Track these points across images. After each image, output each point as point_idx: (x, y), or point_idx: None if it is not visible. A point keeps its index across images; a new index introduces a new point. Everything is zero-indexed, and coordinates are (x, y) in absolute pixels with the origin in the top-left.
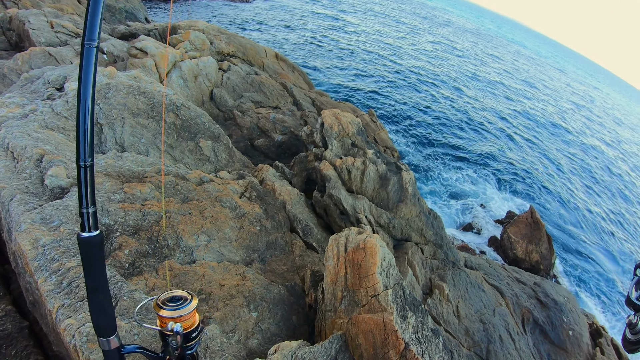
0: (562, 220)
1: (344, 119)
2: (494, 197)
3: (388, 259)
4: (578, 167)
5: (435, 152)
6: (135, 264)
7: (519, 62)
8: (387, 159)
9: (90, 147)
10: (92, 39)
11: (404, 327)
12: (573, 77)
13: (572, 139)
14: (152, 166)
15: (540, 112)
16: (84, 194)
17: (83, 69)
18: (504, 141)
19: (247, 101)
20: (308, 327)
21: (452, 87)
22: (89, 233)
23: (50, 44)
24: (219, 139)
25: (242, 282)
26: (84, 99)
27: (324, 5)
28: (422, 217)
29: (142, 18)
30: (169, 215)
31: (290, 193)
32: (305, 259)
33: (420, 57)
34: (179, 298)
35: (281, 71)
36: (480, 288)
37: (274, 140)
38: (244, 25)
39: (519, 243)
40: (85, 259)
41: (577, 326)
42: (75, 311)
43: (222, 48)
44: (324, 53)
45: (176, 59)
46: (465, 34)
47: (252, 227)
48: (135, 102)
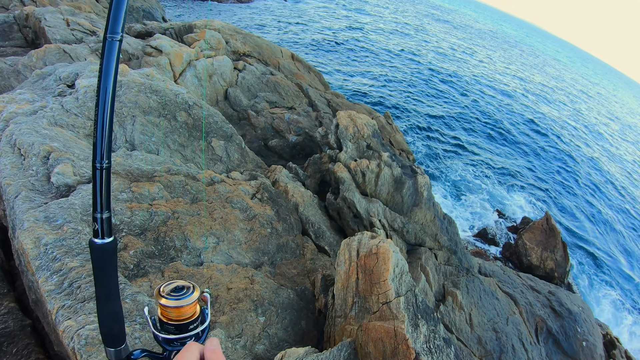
0: (578, 227)
1: (359, 120)
2: (509, 203)
3: (401, 265)
4: (600, 176)
5: (452, 155)
6: (140, 265)
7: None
8: (402, 162)
9: (108, 147)
10: (116, 32)
11: (415, 336)
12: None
13: (593, 145)
14: (162, 165)
15: (558, 116)
16: (98, 198)
17: (104, 63)
18: (523, 147)
19: (261, 101)
20: (317, 333)
21: (469, 90)
22: (103, 240)
23: (66, 41)
24: (231, 138)
25: (250, 285)
26: (104, 95)
27: (341, 5)
28: (437, 222)
29: (159, 17)
30: (177, 216)
31: (303, 195)
32: (317, 263)
33: (440, 59)
34: (182, 287)
35: (297, 72)
36: (494, 296)
37: (288, 141)
38: (259, 24)
39: (533, 250)
40: (98, 266)
41: (591, 337)
42: (76, 313)
43: (238, 47)
44: (341, 53)
45: (191, 58)
46: (482, 37)
47: (263, 230)
48: (146, 100)
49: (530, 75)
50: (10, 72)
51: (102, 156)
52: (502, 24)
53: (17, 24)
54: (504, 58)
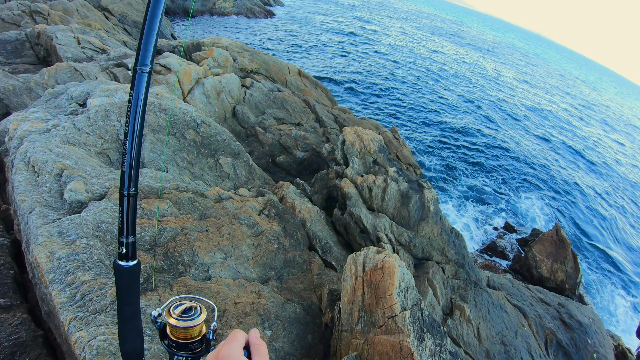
0: (588, 238)
1: (365, 136)
2: (518, 215)
3: (407, 280)
4: (612, 186)
5: (460, 168)
6: (149, 280)
7: (551, 79)
8: (408, 176)
9: (136, 176)
10: (145, 64)
11: (420, 349)
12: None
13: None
14: (171, 182)
15: (567, 125)
16: (125, 223)
17: (134, 94)
18: (532, 158)
19: (269, 118)
20: (323, 347)
21: (475, 103)
22: (127, 262)
23: (77, 59)
24: (239, 156)
25: (257, 300)
26: (133, 125)
27: (347, 19)
28: (444, 236)
29: (168, 34)
30: (185, 232)
31: (310, 211)
32: (323, 278)
33: (447, 76)
34: (190, 309)
35: (304, 88)
36: (502, 309)
37: (295, 157)
38: (266, 40)
39: (543, 262)
40: (122, 287)
41: (602, 348)
42: (87, 324)
43: (245, 65)
44: (348, 69)
45: (199, 76)
46: (484, 47)
47: (270, 245)
48: (156, 119)
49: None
50: (22, 90)
51: (129, 184)
52: (511, 36)
53: (28, 41)
54: (514, 70)
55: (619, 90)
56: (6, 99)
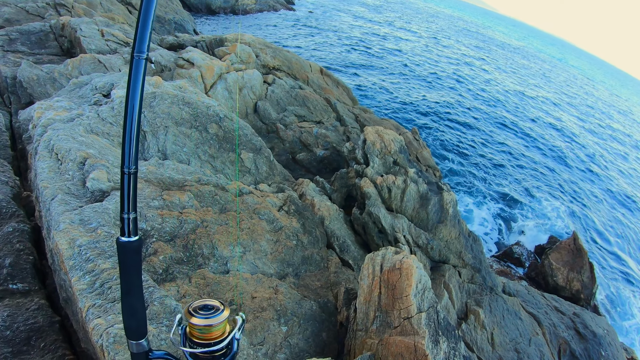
0: (606, 247)
1: (386, 136)
2: (536, 221)
3: (424, 281)
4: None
5: (480, 172)
6: (168, 270)
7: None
8: (428, 178)
9: (135, 155)
10: (142, 51)
11: (435, 352)
12: None
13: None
14: (192, 175)
15: (588, 130)
16: (126, 200)
17: (132, 79)
18: (551, 164)
19: (290, 115)
20: (338, 345)
21: (496, 104)
22: (129, 238)
23: (100, 51)
24: (260, 151)
25: (274, 295)
26: (132, 108)
27: (370, 17)
28: (462, 240)
29: (190, 30)
30: (205, 225)
31: (329, 209)
32: (340, 276)
33: (468, 78)
34: (211, 307)
35: (325, 86)
36: (517, 316)
37: (315, 155)
38: (287, 36)
39: (560, 270)
40: (123, 263)
41: None
42: (105, 312)
43: (268, 61)
44: (370, 67)
45: (222, 71)
46: (502, 49)
47: (289, 241)
48: (179, 112)
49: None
50: (46, 80)
51: (129, 162)
52: (535, 41)
53: (53, 32)
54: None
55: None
56: (30, 88)
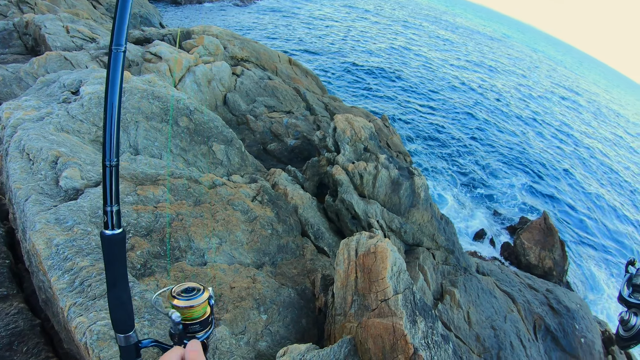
0: (575, 225)
1: (356, 123)
2: (507, 203)
3: (399, 264)
4: (596, 169)
5: (449, 156)
6: (147, 265)
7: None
8: (399, 163)
9: (116, 147)
10: (120, 43)
11: (413, 332)
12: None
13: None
14: (165, 169)
15: (550, 111)
16: (108, 193)
17: (111, 72)
18: (518, 149)
19: (260, 106)
20: (317, 331)
21: (464, 90)
22: (113, 231)
23: (66, 48)
24: (231, 142)
25: (252, 284)
26: (111, 101)
27: (335, 6)
28: (434, 222)
29: (156, 23)
30: (181, 218)
31: (302, 197)
32: (316, 263)
33: (437, 63)
34: (192, 289)
35: (294, 76)
36: (491, 294)
37: (286, 144)
38: (255, 27)
39: (532, 249)
40: (108, 256)
41: (589, 333)
42: (87, 310)
43: (236, 53)
44: (339, 55)
45: (190, 64)
46: (473, 37)
47: (264, 231)
48: (149, 106)
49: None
50: (12, 79)
51: (111, 155)
52: (506, 28)
53: (16, 31)
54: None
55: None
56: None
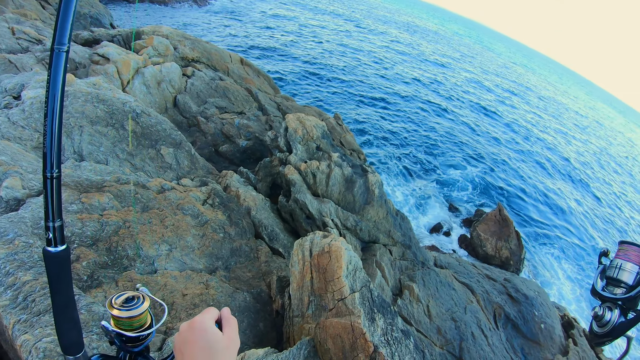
0: (530, 214)
1: (308, 122)
2: (462, 196)
3: (354, 262)
4: (544, 160)
5: (403, 151)
6: (93, 276)
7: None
8: (352, 161)
9: (58, 157)
10: (62, 42)
11: (372, 329)
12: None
13: (536, 134)
14: (111, 175)
15: (500, 107)
16: (50, 207)
17: (52, 74)
18: (470, 142)
19: (211, 107)
20: (276, 334)
21: (416, 86)
22: (56, 248)
23: (11, 50)
24: (180, 145)
25: (205, 290)
26: (52, 106)
27: (290, 8)
28: (390, 219)
29: (107, 24)
30: (128, 225)
31: (255, 199)
32: (271, 265)
33: (389, 60)
34: (133, 298)
35: (246, 76)
36: (450, 286)
37: (238, 146)
38: (208, 28)
39: (488, 240)
40: (52, 275)
41: (548, 319)
42: (32, 326)
43: (186, 53)
44: (292, 54)
45: (139, 65)
46: (424, 35)
47: (215, 235)
48: (94, 110)
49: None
50: None
51: (52, 166)
52: (455, 26)
53: None
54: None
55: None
56: None
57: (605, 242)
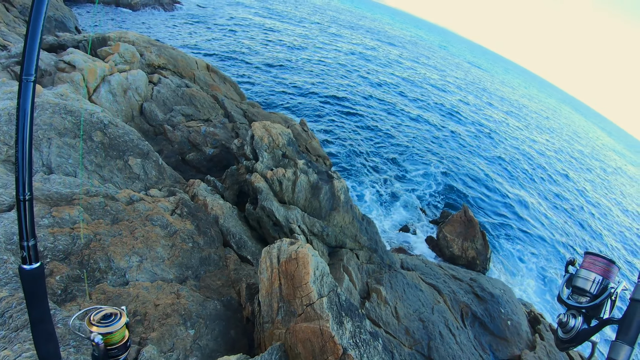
0: (494, 214)
1: (273, 130)
2: (429, 199)
3: (321, 268)
4: (509, 162)
5: (368, 155)
6: (67, 290)
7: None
8: (318, 168)
9: (29, 180)
10: (30, 73)
11: (340, 332)
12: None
13: (502, 136)
14: (80, 187)
15: (463, 108)
16: (24, 227)
17: (21, 104)
18: (434, 143)
19: (177, 115)
20: (247, 340)
21: (382, 89)
22: (31, 265)
23: None
24: (148, 155)
25: (176, 300)
26: (22, 135)
27: (256, 10)
28: (356, 224)
29: (72, 27)
30: (99, 238)
31: (222, 207)
32: (240, 273)
33: (354, 64)
34: (110, 315)
35: (212, 83)
36: (417, 288)
37: (205, 154)
38: (174, 33)
39: (454, 241)
40: (28, 291)
41: (515, 316)
42: (11, 342)
43: (153, 60)
44: (258, 61)
45: (105, 73)
46: (383, 38)
47: (184, 244)
48: (61, 122)
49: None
50: None
51: (24, 189)
52: (420, 31)
53: None
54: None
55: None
56: None
57: (567, 237)
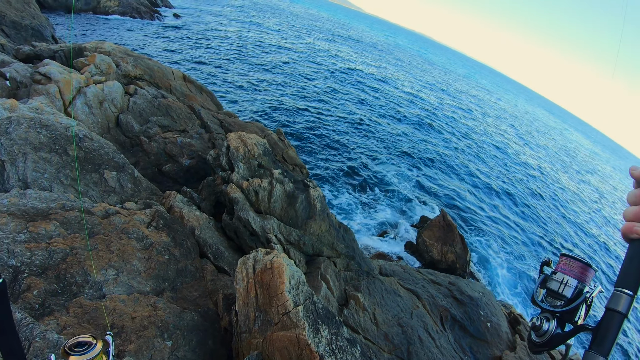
0: (473, 217)
1: (249, 140)
2: (407, 204)
3: (297, 277)
4: (484, 166)
5: (345, 162)
6: (45, 304)
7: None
8: (294, 177)
9: None
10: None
11: (317, 340)
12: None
13: (475, 139)
14: (56, 202)
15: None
16: None
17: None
18: (410, 147)
19: (154, 126)
20: (225, 350)
21: (360, 95)
22: None
23: None
24: (123, 168)
25: (153, 312)
26: None
27: (235, 21)
28: (333, 232)
29: (48, 36)
30: (75, 252)
31: (198, 218)
32: (217, 283)
33: (331, 71)
34: (85, 343)
35: (189, 93)
36: (396, 293)
37: (181, 165)
38: (152, 44)
39: (434, 246)
40: None
41: (494, 317)
42: None
43: (129, 71)
44: (234, 70)
45: (81, 85)
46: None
47: (161, 257)
48: (37, 136)
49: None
50: None
51: None
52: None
53: None
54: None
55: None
56: None
57: (546, 236)
